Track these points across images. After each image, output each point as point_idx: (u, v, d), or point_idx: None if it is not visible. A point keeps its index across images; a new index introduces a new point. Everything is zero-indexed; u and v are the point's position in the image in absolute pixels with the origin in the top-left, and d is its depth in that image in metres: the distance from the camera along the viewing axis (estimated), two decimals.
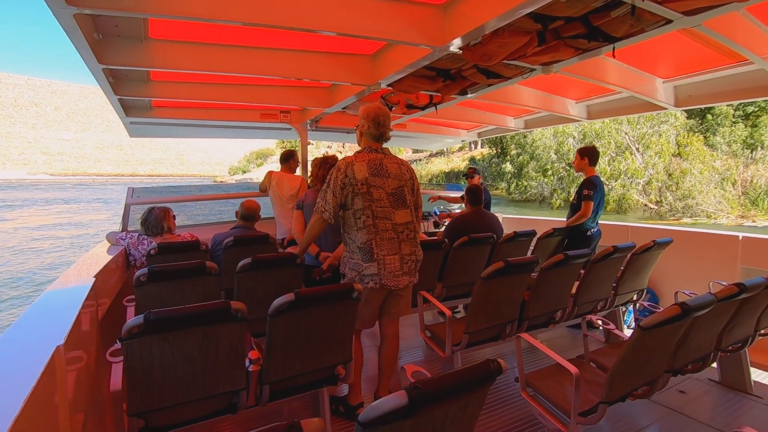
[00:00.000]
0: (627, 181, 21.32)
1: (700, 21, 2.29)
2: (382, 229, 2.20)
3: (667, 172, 20.94)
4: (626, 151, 21.73)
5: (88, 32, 2.45)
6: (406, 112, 5.02)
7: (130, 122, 4.94)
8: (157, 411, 1.54)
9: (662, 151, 20.79)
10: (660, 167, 20.89)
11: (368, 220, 2.18)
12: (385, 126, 2.30)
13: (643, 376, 1.81)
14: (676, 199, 20.38)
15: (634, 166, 21.19)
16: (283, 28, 2.41)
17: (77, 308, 1.66)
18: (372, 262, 2.18)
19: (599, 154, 4.17)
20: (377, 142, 2.32)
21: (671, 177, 20.79)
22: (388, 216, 2.22)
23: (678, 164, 20.76)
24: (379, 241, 2.19)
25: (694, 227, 3.82)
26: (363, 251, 2.19)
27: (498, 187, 29.93)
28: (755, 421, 2.40)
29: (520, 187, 26.40)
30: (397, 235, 2.24)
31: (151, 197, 4.51)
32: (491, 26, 2.32)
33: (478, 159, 37.40)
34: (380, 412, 0.93)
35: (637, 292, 3.25)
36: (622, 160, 21.43)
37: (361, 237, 2.19)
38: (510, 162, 28.48)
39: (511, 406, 2.53)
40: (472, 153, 39.50)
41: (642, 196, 21.51)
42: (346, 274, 2.30)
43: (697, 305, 1.64)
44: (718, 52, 3.14)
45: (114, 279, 2.96)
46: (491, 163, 32.21)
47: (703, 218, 19.35)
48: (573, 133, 22.97)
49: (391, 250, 2.21)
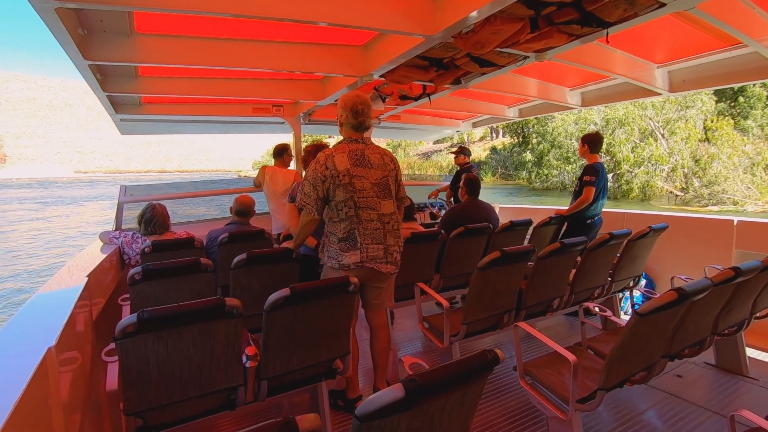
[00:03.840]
0: (651, 168, 20.80)
1: (694, 3, 2.26)
2: (366, 219, 2.17)
3: (693, 158, 20.22)
4: (650, 137, 21.17)
5: (71, 27, 2.40)
6: (400, 103, 4.98)
7: (120, 119, 4.88)
8: (154, 409, 1.53)
9: (688, 137, 20.18)
10: (686, 153, 20.22)
11: (350, 211, 2.16)
12: (364, 115, 2.24)
13: (640, 362, 1.82)
14: (702, 185, 19.68)
15: (658, 152, 20.66)
16: (273, 19, 2.37)
17: (69, 309, 1.64)
18: (355, 249, 2.16)
19: (602, 140, 4.15)
20: (357, 132, 2.27)
21: (698, 163, 20.06)
22: (373, 206, 2.19)
23: (705, 149, 20.00)
24: (362, 231, 2.17)
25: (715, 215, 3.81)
26: (345, 241, 2.18)
27: (519, 176, 29.75)
28: (751, 403, 2.42)
29: (541, 175, 26.14)
30: (383, 225, 2.22)
31: (145, 195, 4.47)
32: (483, 13, 2.29)
33: (500, 149, 37.40)
34: (377, 405, 0.92)
35: (633, 278, 3.26)
36: (645, 146, 20.93)
37: (343, 228, 2.17)
38: (530, 151, 28.26)
39: (510, 394, 2.54)
40: (493, 143, 39.56)
41: (667, 183, 20.98)
42: (324, 261, 2.28)
43: (694, 290, 1.64)
44: (712, 35, 3.12)
45: (108, 278, 2.94)
46: (512, 153, 31.99)
47: (730, 205, 18.45)
48: (595, 120, 22.44)
49: (376, 239, 2.19)
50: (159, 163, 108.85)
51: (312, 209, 2.20)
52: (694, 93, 19.43)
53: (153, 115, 4.84)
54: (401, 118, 6.29)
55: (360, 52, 3.53)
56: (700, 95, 20.22)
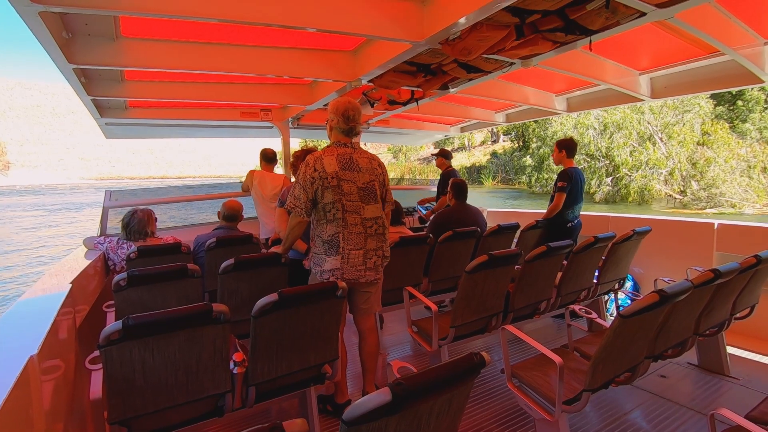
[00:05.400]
0: (648, 171, 20.92)
1: (673, 13, 2.33)
2: (351, 223, 2.20)
3: (690, 162, 20.31)
4: (648, 141, 21.32)
5: (55, 31, 2.37)
6: (389, 108, 5.00)
7: (106, 123, 4.81)
8: (140, 417, 1.51)
9: (685, 141, 20.33)
10: (683, 157, 20.33)
11: (338, 213, 2.18)
12: (355, 120, 2.27)
13: (624, 363, 1.85)
14: (700, 188, 19.75)
15: (655, 156, 20.83)
16: (261, 24, 2.38)
17: (52, 316, 1.61)
18: (336, 255, 2.18)
19: (577, 146, 4.22)
20: (347, 137, 2.30)
21: (695, 166, 20.14)
22: (357, 210, 2.22)
23: (702, 153, 20.09)
24: (346, 235, 2.19)
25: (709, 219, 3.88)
26: (329, 244, 2.19)
27: (520, 181, 29.73)
28: (732, 401, 2.48)
29: (541, 180, 26.10)
30: (365, 230, 2.24)
31: (130, 200, 4.41)
32: (470, 20, 2.33)
33: (500, 153, 37.45)
34: (364, 410, 0.93)
35: (618, 280, 3.32)
36: (643, 150, 21.11)
37: (330, 230, 2.19)
38: (531, 155, 28.31)
39: (498, 397, 2.56)
40: (494, 147, 39.75)
41: (666, 186, 21.05)
42: (312, 269, 2.30)
43: (675, 292, 1.68)
44: (692, 44, 3.21)
45: (92, 285, 2.89)
46: (513, 157, 31.94)
47: (728, 208, 18.49)
48: (593, 125, 22.63)
49: (357, 244, 2.21)
50: (162, 169, 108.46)
51: (301, 211, 2.22)
52: (691, 97, 19.79)
53: (139, 119, 4.78)
54: (390, 123, 6.32)
55: (348, 58, 3.55)
56: (697, 99, 20.53)
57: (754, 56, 3.10)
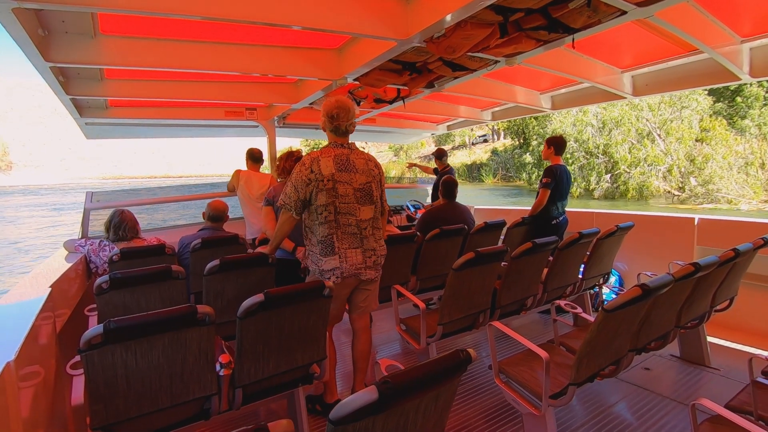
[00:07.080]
0: (647, 168, 21.12)
1: (653, 12, 2.37)
2: (344, 224, 2.20)
3: (688, 158, 20.48)
4: (646, 138, 21.49)
5: (30, 28, 2.30)
6: (375, 107, 4.99)
7: (86, 123, 4.71)
8: (123, 422, 1.48)
9: (683, 137, 20.49)
10: (681, 153, 20.47)
11: (330, 215, 2.17)
12: (340, 119, 2.23)
13: (609, 356, 1.88)
14: (698, 184, 19.96)
15: (654, 152, 20.99)
16: (245, 22, 2.34)
17: (31, 321, 1.57)
18: (333, 255, 2.17)
19: (566, 144, 4.27)
20: (341, 137, 2.28)
21: (693, 162, 20.32)
22: (352, 212, 2.21)
23: (700, 149, 20.25)
24: (340, 235, 2.19)
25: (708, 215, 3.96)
26: (323, 244, 2.19)
27: (520, 178, 29.90)
28: (712, 391, 2.54)
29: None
30: (360, 231, 2.24)
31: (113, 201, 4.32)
32: (454, 18, 2.33)
33: (501, 151, 37.58)
34: (351, 408, 0.93)
35: (603, 275, 3.37)
36: (641, 147, 21.27)
37: (322, 231, 2.18)
38: (531, 153, 28.49)
39: (486, 393, 2.58)
40: (495, 145, 39.92)
41: (665, 183, 21.20)
42: (309, 267, 2.29)
43: (656, 286, 1.71)
44: (671, 42, 3.27)
45: (74, 288, 2.82)
46: (513, 154, 32.00)
47: (725, 204, 18.67)
48: (592, 122, 22.78)
49: (353, 244, 2.21)
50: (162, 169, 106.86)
51: (291, 209, 2.21)
52: (689, 93, 20.10)
53: (120, 119, 4.69)
54: (376, 121, 6.31)
55: (334, 56, 3.53)
56: (695, 95, 20.77)
57: (731, 54, 3.17)
